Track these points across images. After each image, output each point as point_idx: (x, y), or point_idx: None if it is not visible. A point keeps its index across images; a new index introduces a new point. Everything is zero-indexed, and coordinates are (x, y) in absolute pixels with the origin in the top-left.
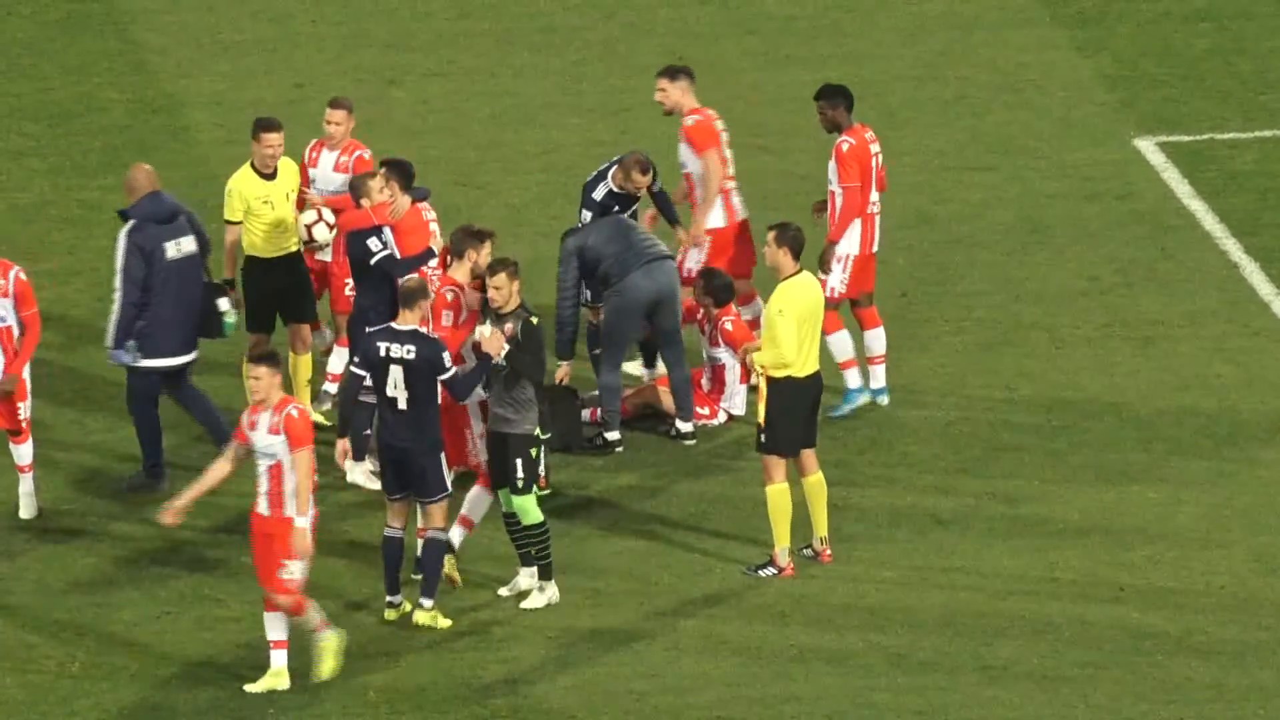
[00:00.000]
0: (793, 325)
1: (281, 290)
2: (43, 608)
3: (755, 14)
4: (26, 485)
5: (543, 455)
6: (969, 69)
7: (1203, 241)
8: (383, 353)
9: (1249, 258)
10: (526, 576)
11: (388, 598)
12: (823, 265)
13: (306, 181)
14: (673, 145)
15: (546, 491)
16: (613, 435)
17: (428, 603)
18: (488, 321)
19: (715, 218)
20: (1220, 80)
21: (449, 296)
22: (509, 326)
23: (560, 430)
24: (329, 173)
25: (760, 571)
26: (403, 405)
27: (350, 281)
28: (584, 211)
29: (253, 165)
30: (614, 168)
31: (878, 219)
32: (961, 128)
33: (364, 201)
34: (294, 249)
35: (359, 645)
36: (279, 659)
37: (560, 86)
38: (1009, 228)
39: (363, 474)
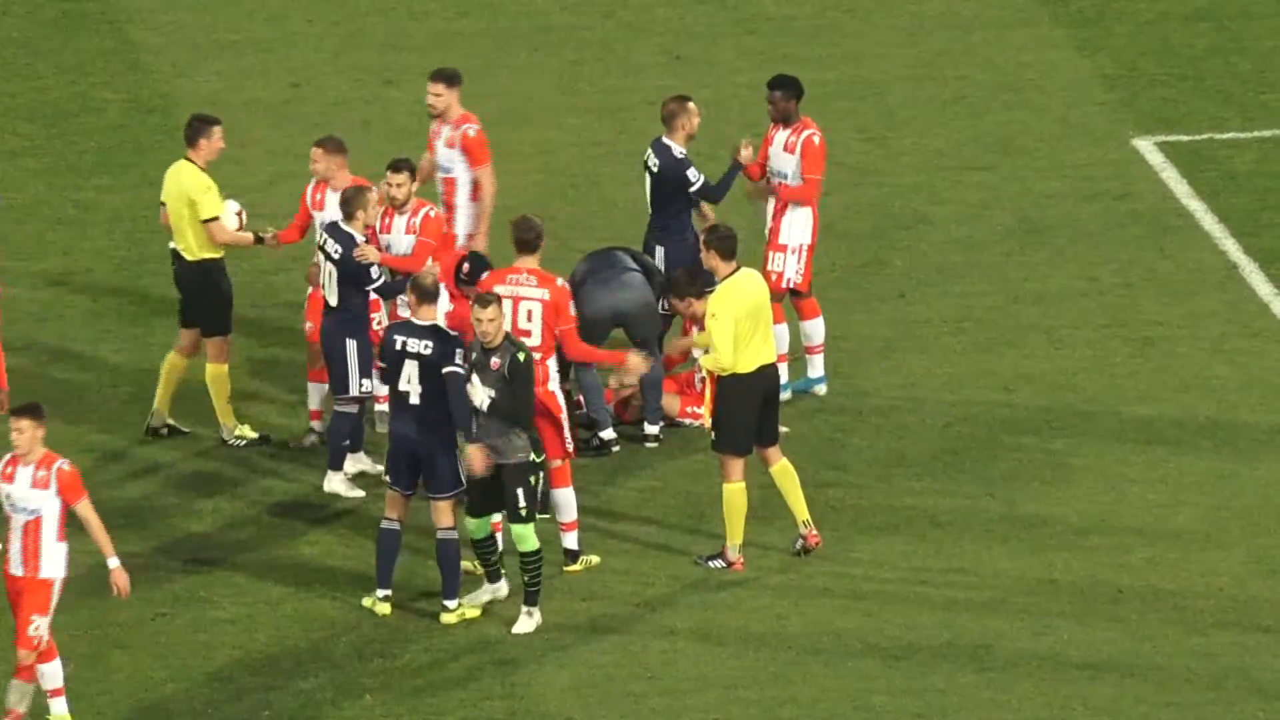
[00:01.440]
0: (727, 327)
1: (230, 290)
2: None
3: (754, 14)
4: None
5: (541, 480)
6: (968, 69)
7: (1202, 242)
8: (399, 346)
9: (1248, 258)
10: (489, 591)
11: (379, 591)
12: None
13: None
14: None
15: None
16: (608, 435)
17: (451, 604)
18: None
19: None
20: (1219, 80)
21: None
22: (495, 361)
23: None
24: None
25: (710, 562)
26: (415, 400)
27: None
28: (694, 172)
29: (194, 163)
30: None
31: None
32: (960, 128)
33: (360, 214)
34: None
35: (355, 648)
36: (59, 706)
37: (557, 86)
38: (1008, 228)
39: (341, 482)
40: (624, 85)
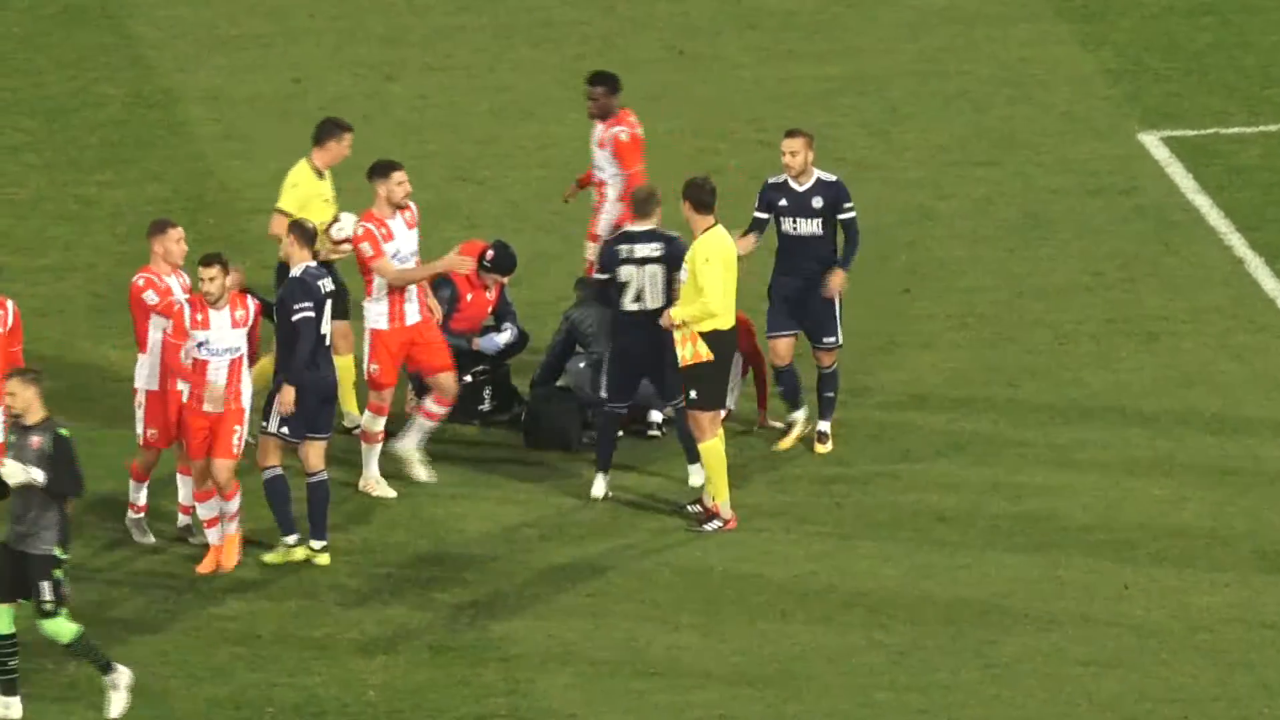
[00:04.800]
0: (719, 273)
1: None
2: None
3: (756, 8)
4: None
5: (63, 573)
6: (971, 63)
7: (1207, 237)
8: (323, 290)
9: (1254, 253)
10: (2, 706)
11: (288, 538)
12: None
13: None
14: (676, 142)
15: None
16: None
17: (318, 544)
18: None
19: None
20: (1224, 74)
21: None
22: (36, 440)
23: (559, 430)
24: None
25: (705, 527)
26: (328, 341)
27: None
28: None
29: (312, 163)
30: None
31: None
32: (964, 123)
33: (657, 211)
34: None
35: (357, 644)
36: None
37: (559, 81)
38: (1012, 223)
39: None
40: (626, 80)
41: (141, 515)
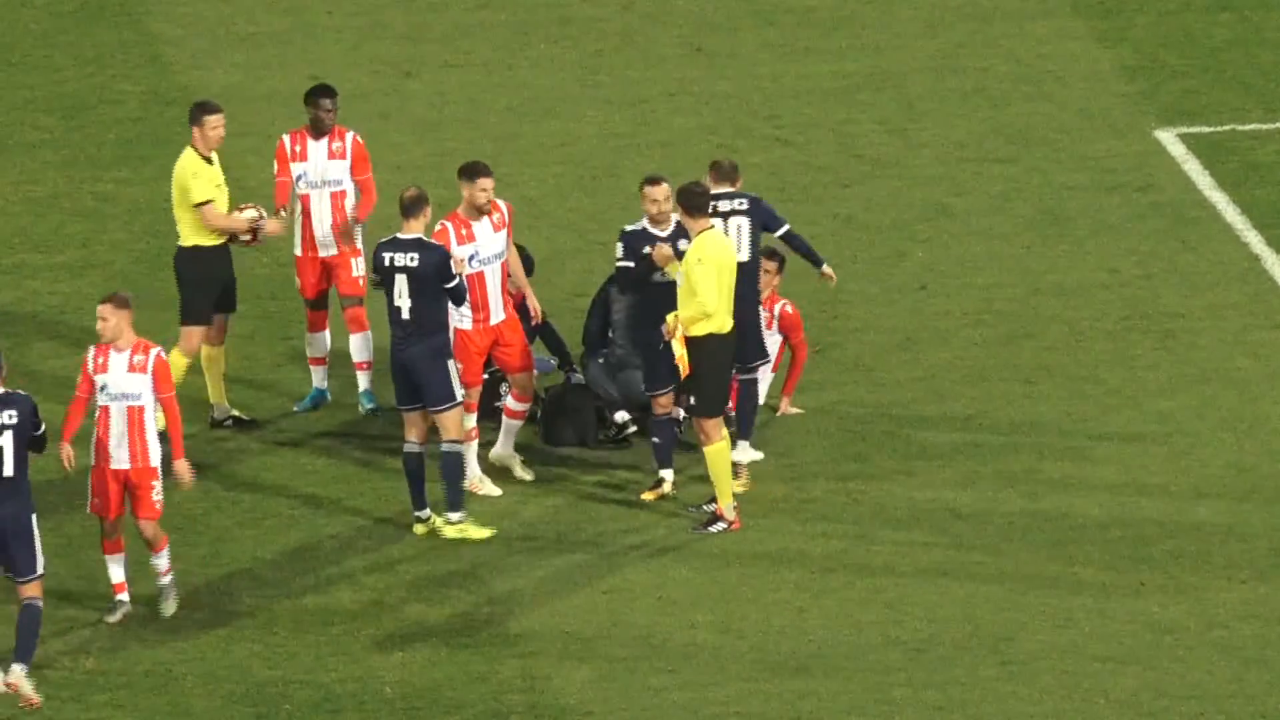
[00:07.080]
0: (712, 275)
1: (225, 280)
2: (54, 604)
3: (774, 5)
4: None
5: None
6: (988, 60)
7: (1224, 234)
8: (387, 262)
9: (1270, 249)
10: None
11: (415, 513)
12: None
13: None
14: (693, 138)
15: None
16: (620, 416)
17: (455, 516)
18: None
19: None
20: (1241, 71)
21: None
22: None
23: (576, 426)
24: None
25: (709, 528)
26: (405, 315)
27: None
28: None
29: (196, 149)
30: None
31: None
32: (981, 119)
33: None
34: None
35: (375, 641)
36: None
37: (578, 78)
38: (1029, 220)
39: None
40: (644, 77)
41: (120, 595)
